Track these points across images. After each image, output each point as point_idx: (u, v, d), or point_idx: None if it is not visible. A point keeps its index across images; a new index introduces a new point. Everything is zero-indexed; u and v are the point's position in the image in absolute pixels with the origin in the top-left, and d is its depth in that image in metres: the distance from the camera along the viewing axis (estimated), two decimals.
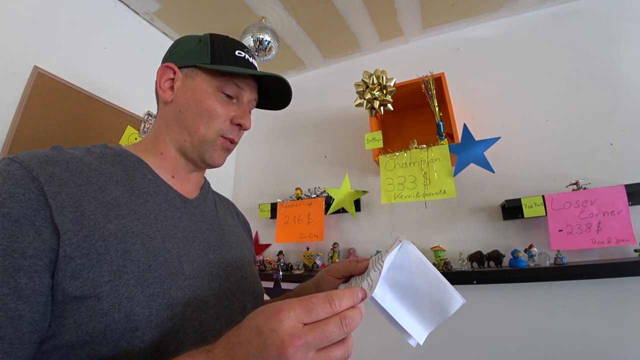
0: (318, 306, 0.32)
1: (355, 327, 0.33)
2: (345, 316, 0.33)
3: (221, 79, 0.56)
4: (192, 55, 0.57)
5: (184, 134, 0.56)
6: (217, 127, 0.56)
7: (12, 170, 0.39)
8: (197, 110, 0.55)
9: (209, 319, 0.47)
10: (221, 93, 0.57)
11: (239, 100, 0.59)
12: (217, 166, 0.60)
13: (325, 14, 1.61)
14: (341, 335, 0.32)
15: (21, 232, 0.36)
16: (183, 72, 0.57)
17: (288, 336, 0.30)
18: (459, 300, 0.41)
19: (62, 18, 1.24)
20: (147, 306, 0.40)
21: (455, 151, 1.31)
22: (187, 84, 0.57)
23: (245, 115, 0.59)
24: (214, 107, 0.56)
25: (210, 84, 0.56)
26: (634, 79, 1.35)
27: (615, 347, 1.12)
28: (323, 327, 0.32)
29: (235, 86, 0.57)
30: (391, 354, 1.38)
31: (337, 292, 0.34)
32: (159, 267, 0.44)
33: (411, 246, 0.43)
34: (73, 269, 0.37)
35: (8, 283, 0.34)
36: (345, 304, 0.34)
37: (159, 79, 0.58)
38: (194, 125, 0.56)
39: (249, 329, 0.33)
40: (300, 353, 0.30)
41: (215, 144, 0.57)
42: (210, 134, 0.56)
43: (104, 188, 0.45)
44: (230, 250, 0.59)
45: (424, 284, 0.42)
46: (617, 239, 1.11)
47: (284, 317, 0.31)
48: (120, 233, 0.42)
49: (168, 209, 0.52)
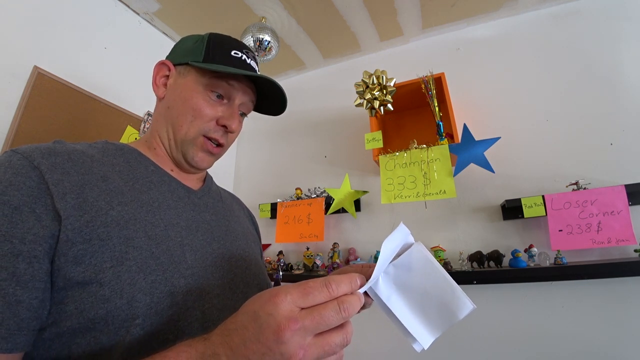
0: (315, 290, 0.32)
1: (354, 313, 0.33)
2: (343, 301, 0.32)
3: (211, 78, 0.55)
4: (188, 53, 0.57)
5: (169, 131, 0.56)
6: (200, 126, 0.55)
7: (13, 160, 0.40)
8: (182, 107, 0.55)
9: (212, 309, 0.47)
10: (210, 92, 0.55)
11: (229, 100, 0.57)
12: (202, 168, 0.58)
13: (325, 14, 1.61)
14: (339, 320, 0.32)
15: (21, 219, 0.36)
16: (177, 69, 0.57)
17: (285, 320, 0.30)
18: (469, 306, 0.39)
19: (62, 18, 1.24)
20: (148, 293, 0.40)
21: (455, 151, 1.31)
22: (179, 82, 0.56)
23: (233, 117, 0.57)
24: (199, 105, 0.54)
25: (200, 82, 0.55)
26: (634, 79, 1.35)
27: (615, 347, 1.12)
28: (320, 311, 0.31)
29: (227, 85, 0.56)
30: (391, 353, 1.38)
31: (335, 277, 0.34)
32: (161, 255, 0.43)
33: (421, 246, 0.41)
34: (75, 254, 0.38)
35: (7, 268, 0.34)
36: (343, 289, 0.33)
37: (154, 75, 0.58)
38: (178, 123, 0.55)
39: (245, 314, 0.32)
40: (297, 337, 0.30)
41: (195, 144, 0.55)
42: (191, 133, 0.55)
43: (106, 177, 0.45)
44: (235, 241, 0.58)
45: (433, 287, 0.40)
46: (617, 239, 1.11)
47: (280, 301, 0.31)
48: (122, 220, 0.42)
49: (171, 198, 0.52)
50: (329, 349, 0.32)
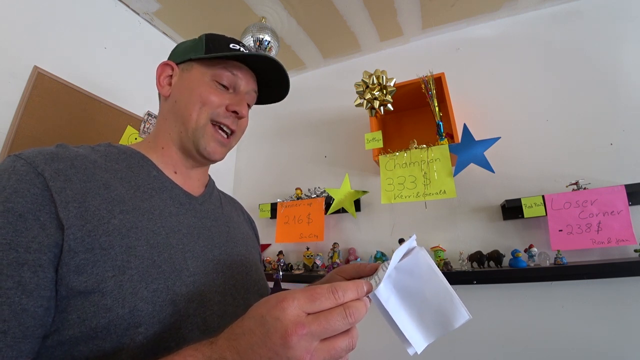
0: (322, 296, 0.32)
1: (360, 319, 0.33)
2: (349, 306, 0.33)
3: (216, 69, 0.57)
4: (188, 50, 0.59)
5: (179, 125, 0.57)
6: (209, 111, 0.56)
7: (17, 166, 0.40)
8: (190, 97, 0.56)
9: (213, 316, 0.47)
10: (216, 82, 0.57)
11: (235, 90, 0.60)
12: (214, 159, 0.59)
13: (325, 14, 1.61)
14: (345, 326, 0.32)
15: (26, 227, 0.36)
16: (180, 67, 0.59)
17: (292, 324, 0.30)
18: (465, 315, 0.40)
19: (62, 18, 1.24)
20: (150, 302, 0.40)
21: (455, 151, 1.31)
22: (183, 77, 0.59)
23: (242, 103, 0.58)
24: (207, 93, 0.56)
25: (205, 73, 0.57)
26: (634, 79, 1.35)
27: (615, 347, 1.12)
28: (327, 316, 0.32)
29: (230, 74, 0.58)
30: (390, 353, 1.38)
31: (342, 284, 0.34)
32: (163, 263, 0.44)
33: (423, 252, 0.42)
34: (77, 263, 0.38)
35: (12, 277, 0.34)
36: (349, 295, 0.34)
37: (158, 76, 0.59)
38: (187, 113, 0.56)
39: (252, 318, 0.33)
40: (304, 342, 0.30)
41: (206, 132, 0.56)
42: (202, 120, 0.55)
43: (108, 184, 0.45)
44: (236, 247, 0.59)
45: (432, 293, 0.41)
46: (617, 239, 1.11)
47: (287, 306, 0.31)
48: (124, 228, 0.42)
49: (173, 205, 0.52)
50: (335, 353, 0.32)
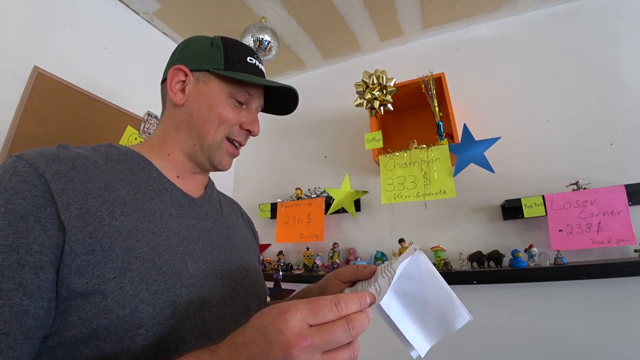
0: (325, 308, 0.32)
1: (362, 331, 0.33)
2: (351, 319, 0.33)
3: (234, 86, 0.57)
4: (205, 59, 0.57)
5: (194, 139, 0.57)
6: (225, 130, 0.58)
7: (19, 167, 0.40)
8: (208, 115, 0.56)
9: (213, 318, 0.47)
10: (233, 99, 0.58)
11: (248, 106, 0.61)
12: (225, 170, 0.61)
13: (325, 14, 1.61)
14: (347, 338, 0.32)
15: (27, 229, 0.36)
16: (195, 75, 0.57)
17: (294, 336, 0.30)
18: (466, 317, 0.40)
19: (62, 18, 1.24)
20: (151, 303, 0.40)
21: (455, 151, 1.31)
22: (200, 89, 0.57)
23: (255, 122, 0.61)
24: (226, 112, 0.57)
25: (223, 90, 0.57)
26: (634, 78, 1.35)
27: (615, 347, 1.12)
28: (329, 329, 0.32)
29: (247, 94, 0.59)
30: (393, 357, 1.38)
31: (345, 295, 0.34)
32: (163, 265, 0.44)
33: (423, 256, 0.43)
34: (78, 265, 0.38)
35: (13, 279, 0.35)
36: (352, 307, 0.34)
37: (169, 80, 0.57)
38: (205, 130, 0.56)
39: (254, 328, 0.33)
40: (306, 354, 0.30)
41: (221, 148, 0.58)
42: (218, 137, 0.57)
43: (109, 186, 0.45)
44: (235, 249, 0.59)
45: (432, 297, 0.41)
46: (617, 239, 1.11)
47: (290, 318, 0.31)
48: (125, 230, 0.42)
49: (173, 207, 0.52)
50: None
